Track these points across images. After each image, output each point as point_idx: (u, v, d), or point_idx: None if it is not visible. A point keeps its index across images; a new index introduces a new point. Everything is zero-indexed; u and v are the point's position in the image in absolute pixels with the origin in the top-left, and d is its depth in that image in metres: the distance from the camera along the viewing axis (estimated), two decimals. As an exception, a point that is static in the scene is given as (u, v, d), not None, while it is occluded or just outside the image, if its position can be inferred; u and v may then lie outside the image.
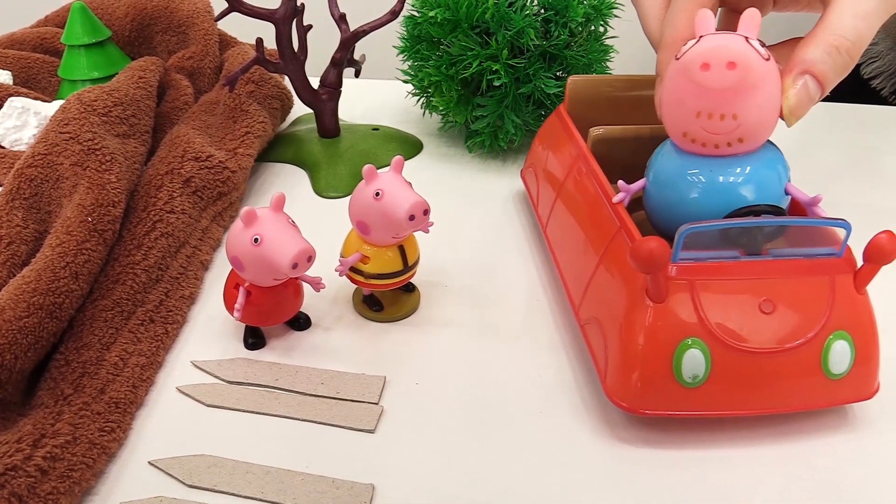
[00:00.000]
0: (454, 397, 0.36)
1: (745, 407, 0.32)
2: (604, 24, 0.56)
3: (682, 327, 0.31)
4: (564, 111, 0.48)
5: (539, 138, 0.50)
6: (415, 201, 0.36)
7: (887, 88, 0.78)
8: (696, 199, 0.34)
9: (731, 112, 0.31)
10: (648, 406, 0.32)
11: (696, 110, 0.32)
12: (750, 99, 0.31)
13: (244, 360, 0.38)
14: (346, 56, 0.56)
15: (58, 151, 0.44)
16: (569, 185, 0.43)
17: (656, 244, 0.29)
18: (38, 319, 0.35)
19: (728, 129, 0.32)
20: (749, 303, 0.32)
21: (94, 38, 0.59)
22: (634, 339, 0.32)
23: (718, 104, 0.31)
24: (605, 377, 0.34)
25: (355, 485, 0.32)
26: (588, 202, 0.40)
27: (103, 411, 0.34)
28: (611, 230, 0.36)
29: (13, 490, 0.28)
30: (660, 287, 0.31)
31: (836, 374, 0.32)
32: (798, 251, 0.33)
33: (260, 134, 0.55)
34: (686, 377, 0.31)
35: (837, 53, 0.33)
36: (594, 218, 0.39)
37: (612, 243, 0.36)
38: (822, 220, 0.32)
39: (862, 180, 0.56)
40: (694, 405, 0.32)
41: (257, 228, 0.35)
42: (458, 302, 0.43)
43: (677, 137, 0.34)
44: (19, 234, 0.41)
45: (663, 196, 0.35)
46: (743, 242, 0.33)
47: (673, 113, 0.34)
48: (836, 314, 0.32)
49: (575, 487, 0.32)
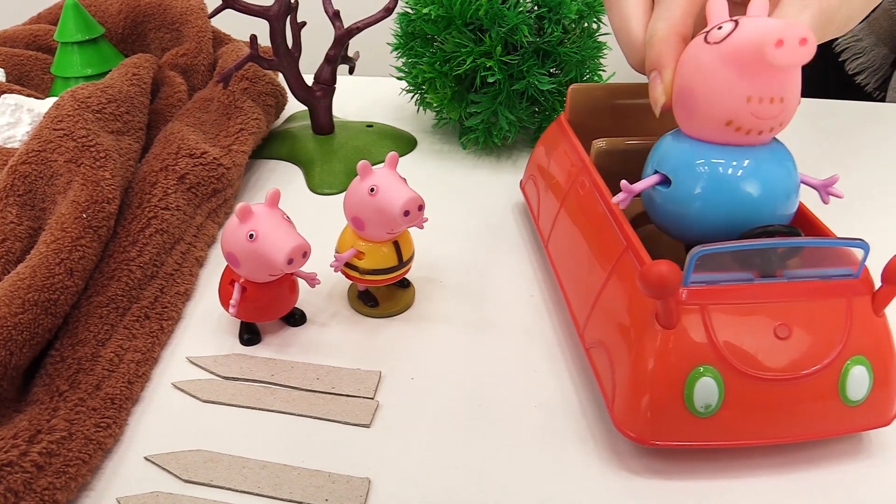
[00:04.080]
0: (449, 392, 0.37)
1: (759, 436, 0.31)
2: (597, 21, 0.56)
3: (694, 354, 0.30)
4: (565, 120, 0.46)
5: (539, 148, 0.49)
6: (409, 197, 0.36)
7: (872, 84, 0.79)
8: (729, 192, 0.32)
9: (780, 94, 0.30)
10: (658, 437, 0.31)
11: (748, 95, 0.30)
12: (796, 78, 0.31)
13: (240, 356, 0.38)
14: (340, 53, 0.56)
15: (52, 148, 0.44)
16: (571, 200, 0.41)
17: (667, 268, 0.27)
18: (33, 316, 0.35)
19: (775, 112, 0.31)
20: (764, 328, 0.30)
21: (88, 35, 0.59)
22: (644, 366, 0.31)
23: (775, 86, 0.30)
24: (612, 405, 0.32)
25: (351, 479, 0.32)
26: (592, 219, 0.38)
27: (99, 407, 0.34)
28: (617, 249, 0.34)
29: (9, 486, 0.29)
30: (671, 312, 0.29)
31: (853, 401, 0.31)
32: (813, 272, 0.31)
33: (254, 131, 0.55)
34: (698, 407, 0.30)
35: None
36: (599, 236, 0.37)
37: (618, 263, 0.34)
38: (839, 240, 0.31)
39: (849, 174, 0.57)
40: (706, 435, 0.31)
41: (252, 224, 0.35)
42: (453, 298, 0.43)
43: (715, 128, 0.32)
44: (13, 231, 0.41)
45: (686, 194, 0.33)
46: (756, 264, 0.31)
47: (715, 103, 0.31)
48: (854, 338, 0.30)
49: (566, 493, 0.32)
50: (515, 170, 0.58)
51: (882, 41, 0.78)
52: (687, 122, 0.34)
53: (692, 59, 0.32)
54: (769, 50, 0.28)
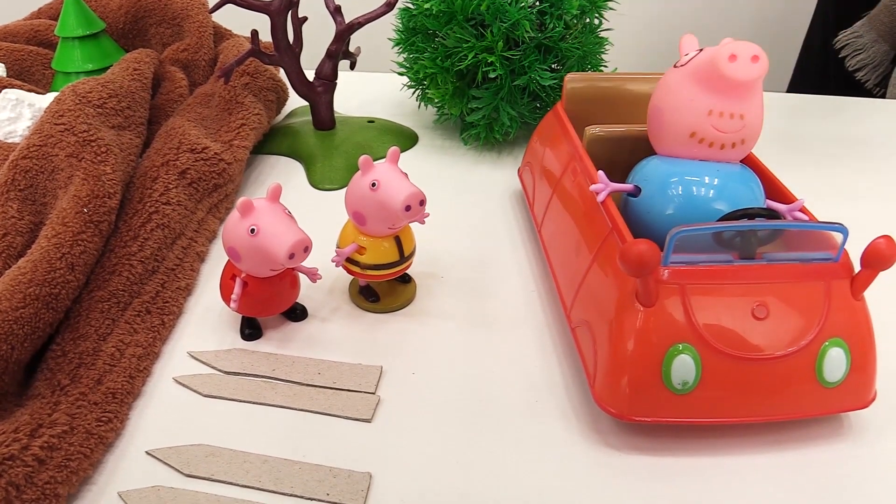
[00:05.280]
0: (450, 386, 0.37)
1: (736, 414, 0.32)
2: (598, 17, 0.56)
3: (673, 332, 0.31)
4: (561, 109, 0.47)
5: (536, 136, 0.50)
6: (411, 192, 0.36)
7: (872, 80, 0.79)
8: (692, 202, 0.34)
9: (739, 111, 0.33)
10: (637, 412, 0.31)
11: (708, 108, 0.33)
12: (754, 99, 0.34)
13: (241, 351, 0.38)
14: (341, 48, 0.56)
15: (53, 143, 0.43)
16: (564, 185, 0.42)
17: (646, 247, 0.28)
18: (35, 310, 0.35)
19: (736, 127, 0.34)
20: (742, 308, 0.31)
21: (89, 30, 0.59)
22: (623, 343, 0.31)
23: (732, 101, 0.33)
24: (594, 382, 0.33)
25: (353, 473, 0.32)
26: (582, 203, 0.39)
27: (100, 401, 0.34)
28: (602, 232, 0.35)
29: (11, 479, 0.29)
30: (650, 291, 0.30)
31: (831, 382, 0.31)
32: (793, 255, 0.32)
33: (255, 126, 0.55)
34: (676, 384, 0.31)
35: None
36: (587, 219, 0.38)
37: (603, 245, 0.35)
38: (819, 224, 0.31)
39: (849, 170, 0.57)
40: (684, 412, 0.31)
41: (254, 219, 0.35)
42: (453, 293, 0.43)
43: (681, 141, 0.35)
44: (14, 226, 0.41)
45: (652, 203, 0.36)
46: (737, 246, 0.32)
47: (679, 116, 0.34)
48: (832, 321, 0.31)
49: (564, 492, 0.32)
50: (516, 165, 0.58)
51: (882, 37, 0.78)
52: (658, 139, 0.37)
53: (663, 83, 0.36)
54: (723, 64, 0.32)
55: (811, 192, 0.36)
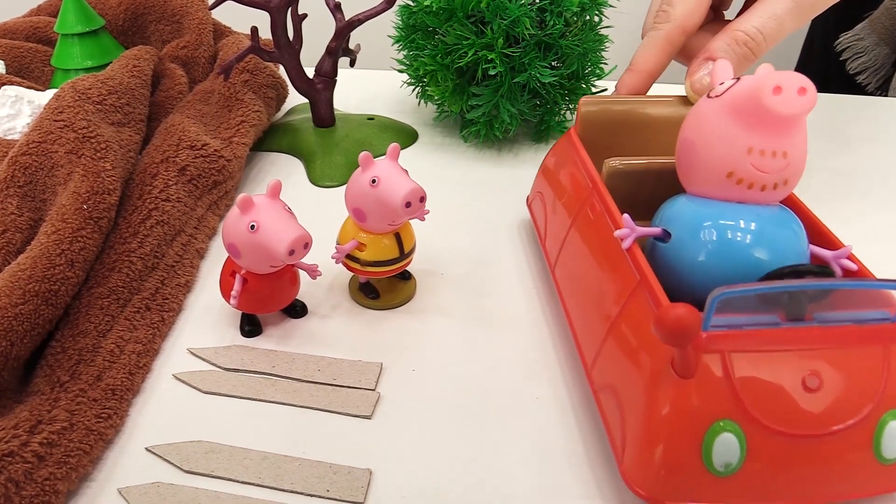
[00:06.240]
0: (450, 384, 0.37)
1: (784, 497, 0.28)
2: (599, 14, 0.56)
3: (714, 407, 0.27)
4: (576, 135, 0.43)
5: (547, 163, 0.46)
6: (411, 188, 0.36)
7: (873, 84, 0.79)
8: (728, 250, 0.30)
9: (782, 149, 0.30)
10: (672, 496, 0.28)
11: (748, 145, 0.30)
12: (799, 135, 0.30)
13: (240, 348, 0.38)
14: (341, 45, 0.56)
15: (52, 139, 0.43)
16: (581, 224, 0.38)
17: (685, 311, 0.25)
18: (34, 306, 0.35)
19: (778, 167, 0.30)
20: (791, 377, 0.27)
21: (88, 27, 0.59)
22: (657, 420, 0.28)
23: (774, 138, 0.30)
24: (621, 458, 0.30)
25: (353, 470, 0.32)
26: (603, 247, 0.35)
27: (100, 398, 0.34)
28: (629, 283, 0.31)
29: (10, 476, 0.29)
30: (688, 361, 0.27)
31: (889, 459, 0.28)
32: (847, 316, 0.28)
33: (255, 123, 0.55)
34: (717, 466, 0.27)
35: (737, 45, 0.41)
36: (610, 266, 0.34)
37: (631, 299, 0.31)
38: (876, 281, 0.28)
39: (846, 171, 0.57)
40: (726, 496, 0.28)
41: (254, 215, 0.35)
42: (453, 290, 0.43)
43: (716, 181, 0.31)
44: (14, 222, 0.41)
45: (682, 249, 0.32)
46: (783, 305, 0.28)
47: (715, 154, 0.31)
48: (891, 389, 0.28)
49: (564, 489, 0.32)
50: (517, 163, 0.58)
51: (883, 40, 0.77)
52: (689, 177, 0.33)
53: (695, 114, 0.32)
54: (766, 97, 0.28)
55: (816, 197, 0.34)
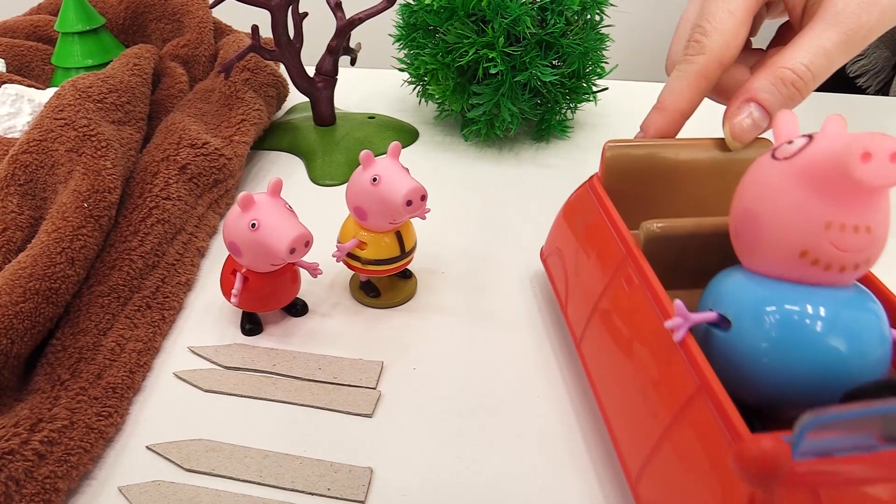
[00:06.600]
0: (451, 382, 0.37)
1: None
2: (599, 13, 0.56)
3: None
4: (600, 185, 0.36)
5: (566, 215, 0.40)
6: (412, 187, 0.36)
7: (873, 87, 0.78)
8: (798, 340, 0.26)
9: (865, 223, 0.25)
10: None
11: (827, 220, 0.25)
12: (883, 205, 0.25)
13: (241, 346, 0.38)
14: (341, 44, 0.56)
15: (53, 138, 0.43)
16: (613, 297, 0.32)
17: (772, 445, 0.21)
18: (35, 304, 0.35)
19: (861, 245, 0.25)
20: None
21: (88, 25, 0.59)
22: None
23: (857, 211, 0.25)
24: None
25: (354, 468, 0.32)
26: (644, 332, 0.29)
27: (100, 396, 0.34)
28: (686, 387, 0.26)
29: (10, 474, 0.28)
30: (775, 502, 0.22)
31: None
32: None
33: (255, 121, 0.55)
34: None
35: (783, 85, 0.33)
36: (658, 361, 0.28)
37: (689, 407, 0.26)
38: None
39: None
40: None
41: (254, 213, 0.35)
42: (454, 288, 0.43)
43: (787, 260, 0.26)
44: (14, 221, 0.41)
45: (741, 338, 0.27)
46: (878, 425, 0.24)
47: (785, 228, 0.26)
48: None
49: (564, 488, 0.32)
50: (517, 161, 0.58)
51: (884, 43, 0.77)
52: (750, 254, 0.28)
53: (757, 180, 0.27)
54: (854, 165, 0.23)
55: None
